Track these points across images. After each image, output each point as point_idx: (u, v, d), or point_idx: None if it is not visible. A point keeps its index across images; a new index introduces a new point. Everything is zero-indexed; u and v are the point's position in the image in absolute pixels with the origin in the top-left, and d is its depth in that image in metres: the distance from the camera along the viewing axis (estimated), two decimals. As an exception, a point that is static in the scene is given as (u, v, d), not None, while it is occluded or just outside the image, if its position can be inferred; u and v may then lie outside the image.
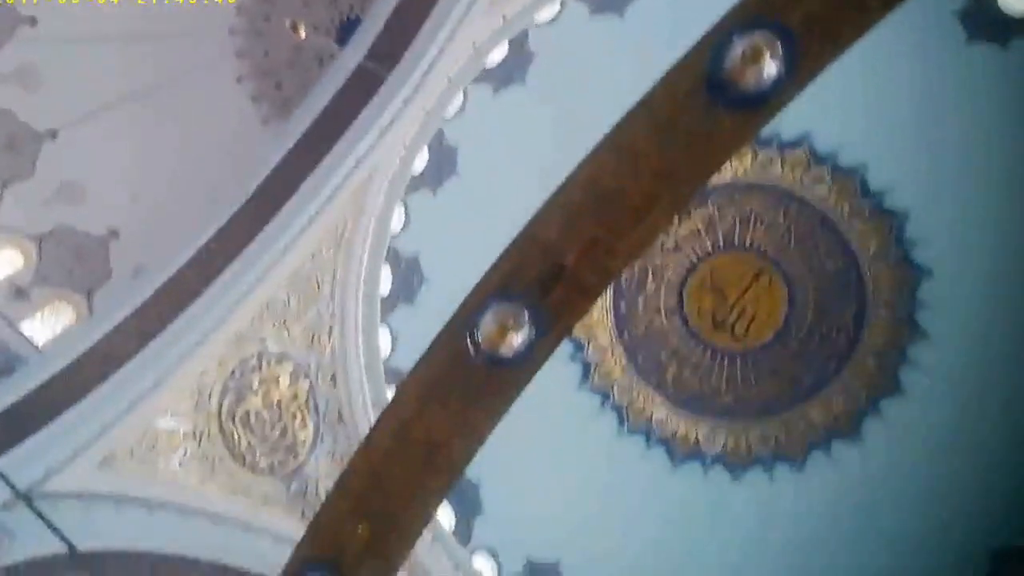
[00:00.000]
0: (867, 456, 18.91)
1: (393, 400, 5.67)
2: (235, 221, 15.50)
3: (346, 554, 5.43)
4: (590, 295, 6.03)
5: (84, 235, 21.69)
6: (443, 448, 5.69)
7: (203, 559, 13.82)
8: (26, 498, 13.26)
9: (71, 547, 9.54)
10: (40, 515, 13.11)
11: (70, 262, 21.37)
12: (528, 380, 5.80)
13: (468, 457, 5.68)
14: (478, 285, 5.81)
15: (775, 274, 19.75)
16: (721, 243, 19.99)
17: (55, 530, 12.99)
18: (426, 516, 5.78)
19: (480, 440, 5.69)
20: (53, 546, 13.13)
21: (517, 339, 5.76)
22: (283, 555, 6.14)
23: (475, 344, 5.72)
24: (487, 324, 5.74)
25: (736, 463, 19.72)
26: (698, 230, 19.98)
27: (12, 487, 13.29)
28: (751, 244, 19.90)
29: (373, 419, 14.92)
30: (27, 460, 13.79)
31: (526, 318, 5.73)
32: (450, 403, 5.64)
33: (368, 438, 5.65)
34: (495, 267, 5.78)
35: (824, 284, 19.58)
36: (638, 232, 5.49)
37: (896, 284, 18.99)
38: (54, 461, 13.75)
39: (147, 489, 13.82)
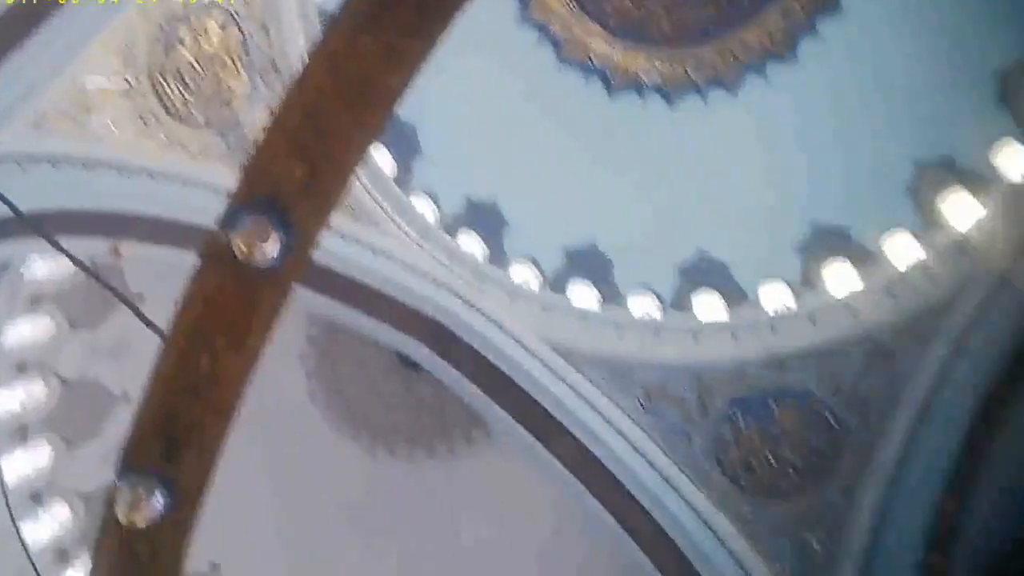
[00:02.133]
0: (803, 78, 18.97)
1: (324, 35, 5.44)
2: None
3: (283, 194, 5.43)
4: None
5: None
6: (377, 82, 5.55)
7: (145, 215, 13.90)
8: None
9: (14, 209, 9.48)
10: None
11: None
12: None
13: (402, 90, 5.55)
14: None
15: None
16: None
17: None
18: (362, 153, 5.75)
19: (414, 71, 5.54)
20: (-3, 211, 13.11)
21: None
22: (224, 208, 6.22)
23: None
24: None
25: (672, 91, 19.74)
26: None
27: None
28: None
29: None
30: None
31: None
32: (382, 34, 5.43)
33: (300, 76, 5.47)
34: None
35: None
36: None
37: None
38: (-18, 125, 13.44)
39: (82, 148, 13.62)
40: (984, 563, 15.60)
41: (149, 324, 6.66)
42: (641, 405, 16.90)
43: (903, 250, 17.26)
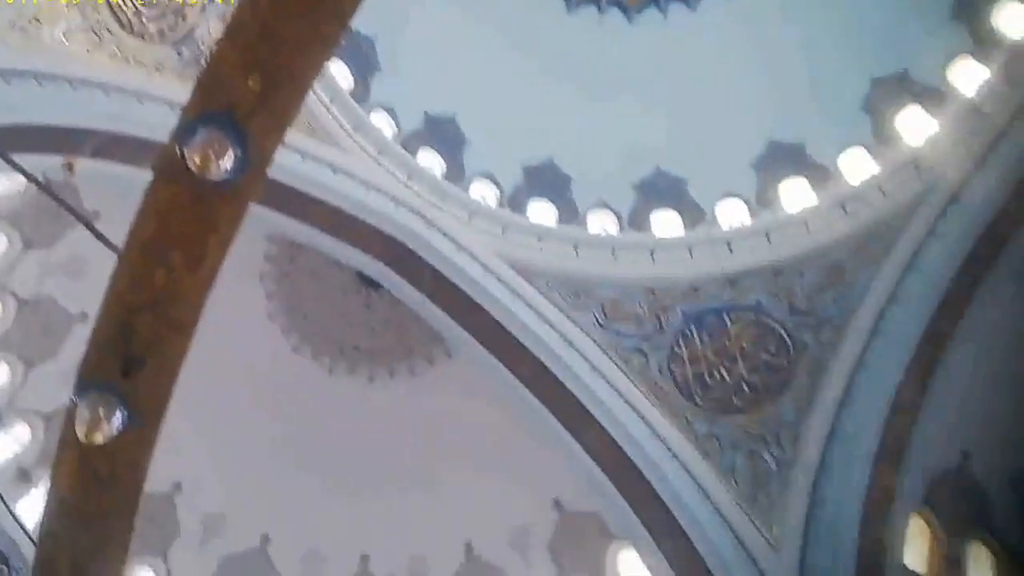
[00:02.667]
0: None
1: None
2: None
3: (238, 107, 5.38)
4: None
5: None
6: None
7: (99, 130, 13.66)
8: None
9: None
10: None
11: None
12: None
13: (358, 1, 5.49)
14: None
15: None
16: None
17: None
18: (318, 65, 5.69)
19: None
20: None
21: None
22: (179, 122, 6.16)
23: None
24: None
25: (631, 5, 19.57)
26: None
27: None
28: None
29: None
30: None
31: None
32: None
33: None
34: None
35: None
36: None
37: None
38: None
39: (34, 61, 13.32)
40: (932, 477, 16.09)
41: (104, 241, 6.62)
42: (598, 322, 17.03)
43: (858, 166, 17.42)
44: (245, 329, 18.33)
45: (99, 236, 6.80)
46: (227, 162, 5.23)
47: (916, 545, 15.69)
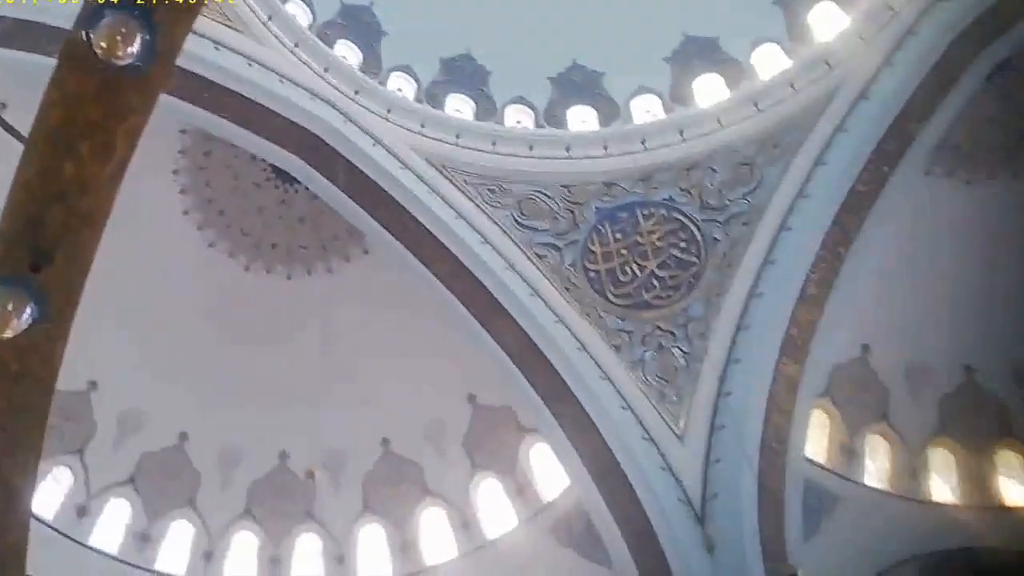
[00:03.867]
0: None
1: None
2: None
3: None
4: None
5: None
6: None
7: (3, 16, 13.19)
8: None
9: None
10: None
11: None
12: None
13: None
14: None
15: None
16: None
17: None
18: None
19: None
20: None
21: None
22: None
23: None
24: None
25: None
26: None
27: None
28: None
29: None
30: None
31: None
32: None
33: None
34: None
35: None
36: None
37: None
38: None
39: None
40: (833, 369, 16.76)
41: (10, 130, 6.46)
42: (514, 219, 17.13)
43: (770, 61, 17.63)
44: (160, 225, 17.95)
45: (4, 125, 6.65)
46: (135, 48, 5.12)
47: (816, 435, 16.41)
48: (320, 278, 18.87)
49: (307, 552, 17.89)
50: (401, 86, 18.53)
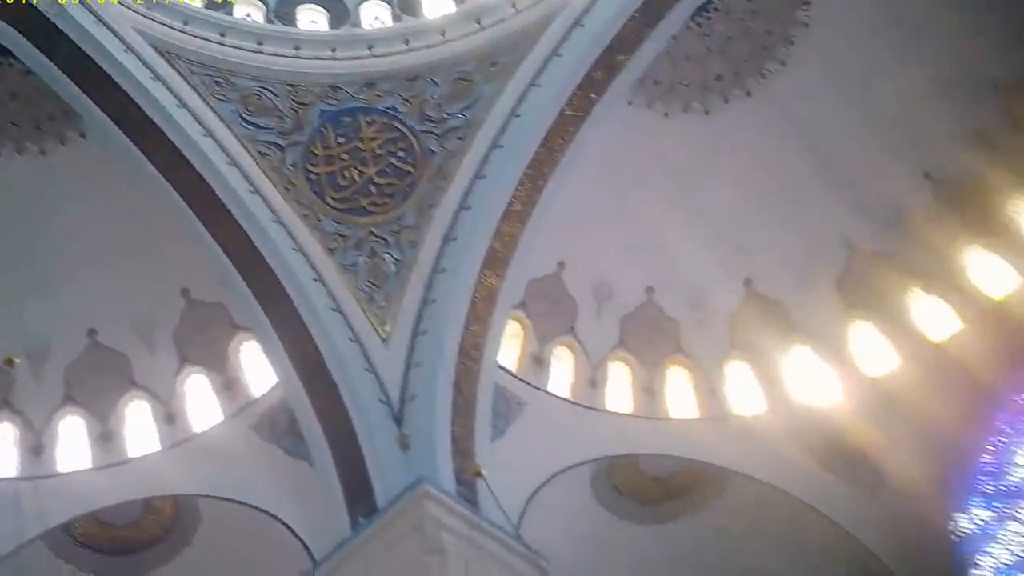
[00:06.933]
0: None
1: None
2: None
3: None
4: None
5: None
6: None
7: None
8: None
9: None
10: None
11: None
12: None
13: None
14: None
15: None
16: None
17: None
18: None
19: None
20: None
21: None
22: None
23: None
24: None
25: None
26: None
27: None
28: None
29: None
30: None
31: None
32: None
33: None
34: None
35: None
36: None
37: None
38: None
39: None
40: (529, 283, 17.55)
41: None
42: (239, 114, 17.00)
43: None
44: None
45: None
46: None
47: (510, 344, 17.29)
48: (32, 159, 18.06)
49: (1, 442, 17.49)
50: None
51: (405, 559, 13.24)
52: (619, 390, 17.88)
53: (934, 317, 17.99)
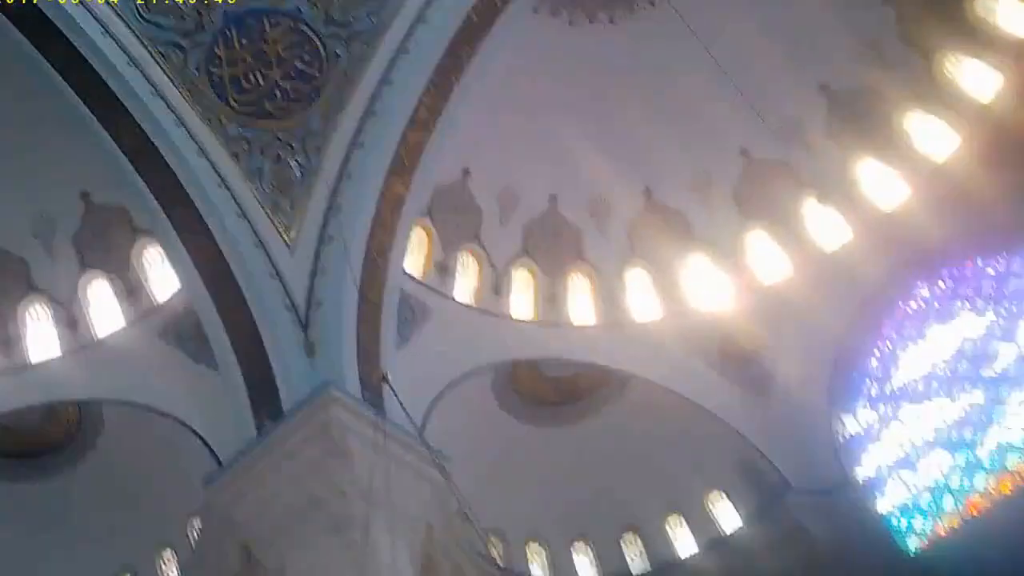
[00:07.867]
0: None
1: None
2: None
3: None
4: None
5: None
6: None
7: None
8: None
9: None
10: None
11: None
12: None
13: None
14: None
15: None
16: None
17: None
18: None
19: None
20: None
21: None
22: None
23: None
24: None
25: None
26: None
27: None
28: None
29: None
30: None
31: None
32: None
33: None
34: None
35: None
36: None
37: None
38: None
39: None
40: (435, 190, 17.66)
41: None
42: (138, 11, 16.45)
43: None
44: None
45: None
46: None
47: (415, 251, 17.47)
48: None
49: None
50: None
51: (310, 462, 13.52)
52: (522, 297, 18.36)
53: (827, 226, 18.74)
